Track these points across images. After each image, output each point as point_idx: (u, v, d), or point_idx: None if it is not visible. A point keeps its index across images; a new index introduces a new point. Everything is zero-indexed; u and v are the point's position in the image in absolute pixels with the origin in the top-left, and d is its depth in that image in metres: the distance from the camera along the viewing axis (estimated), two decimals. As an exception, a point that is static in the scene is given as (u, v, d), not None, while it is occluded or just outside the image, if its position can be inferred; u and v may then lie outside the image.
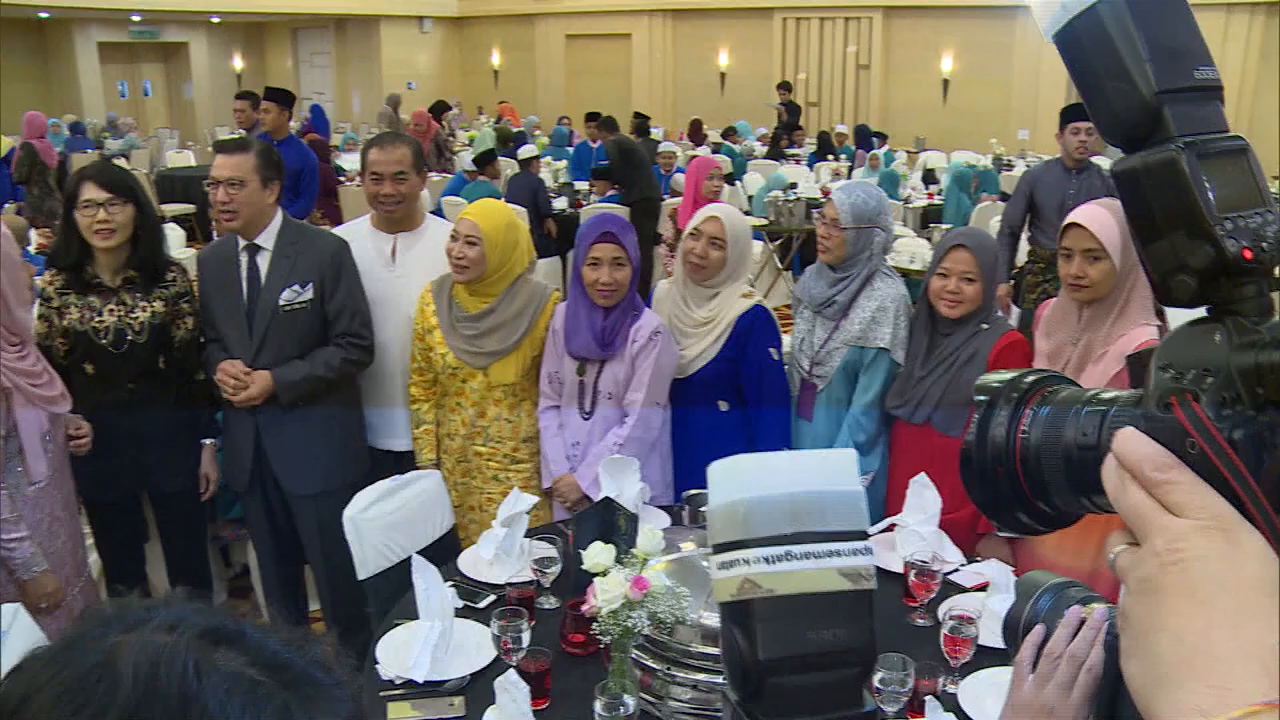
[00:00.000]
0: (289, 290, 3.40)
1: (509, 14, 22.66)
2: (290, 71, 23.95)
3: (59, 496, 3.22)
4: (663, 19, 21.10)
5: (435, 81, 22.42)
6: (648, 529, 2.35)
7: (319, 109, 17.44)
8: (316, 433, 3.52)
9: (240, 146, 3.46)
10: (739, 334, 3.39)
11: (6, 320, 2.93)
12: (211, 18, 21.37)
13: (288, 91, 7.87)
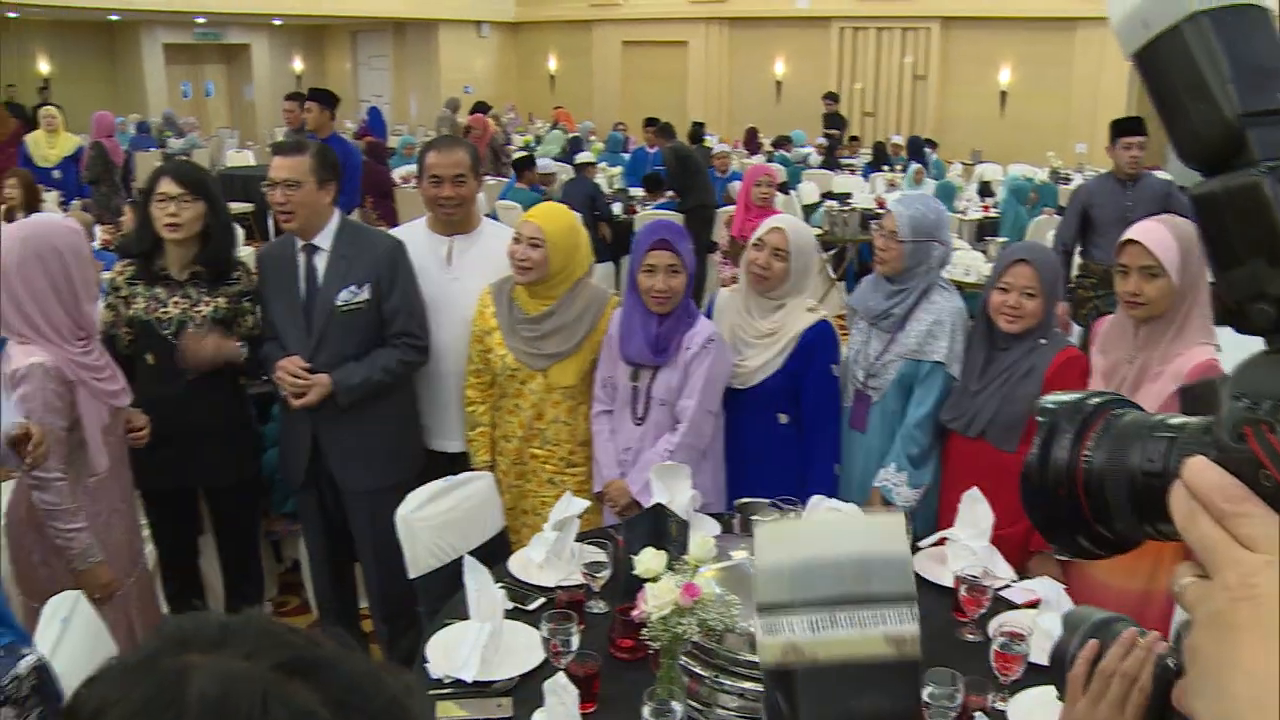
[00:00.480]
0: (346, 291, 3.44)
1: (566, 20, 22.75)
2: (349, 74, 24.19)
3: (117, 488, 3.28)
4: (719, 27, 21.09)
5: (492, 86, 22.56)
6: (699, 536, 2.36)
7: (376, 111, 17.62)
8: (373, 431, 3.55)
9: (297, 149, 3.50)
10: (803, 348, 3.38)
11: (75, 315, 3.01)
12: (273, 20, 21.64)
13: (330, 92, 8.16)
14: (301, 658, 0.81)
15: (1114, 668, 1.21)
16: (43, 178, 9.50)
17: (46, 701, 1.70)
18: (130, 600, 3.33)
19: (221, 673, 0.78)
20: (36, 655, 1.72)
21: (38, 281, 2.91)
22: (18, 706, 1.67)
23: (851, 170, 13.80)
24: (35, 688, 1.69)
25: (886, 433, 3.43)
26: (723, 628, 2.18)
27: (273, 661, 0.79)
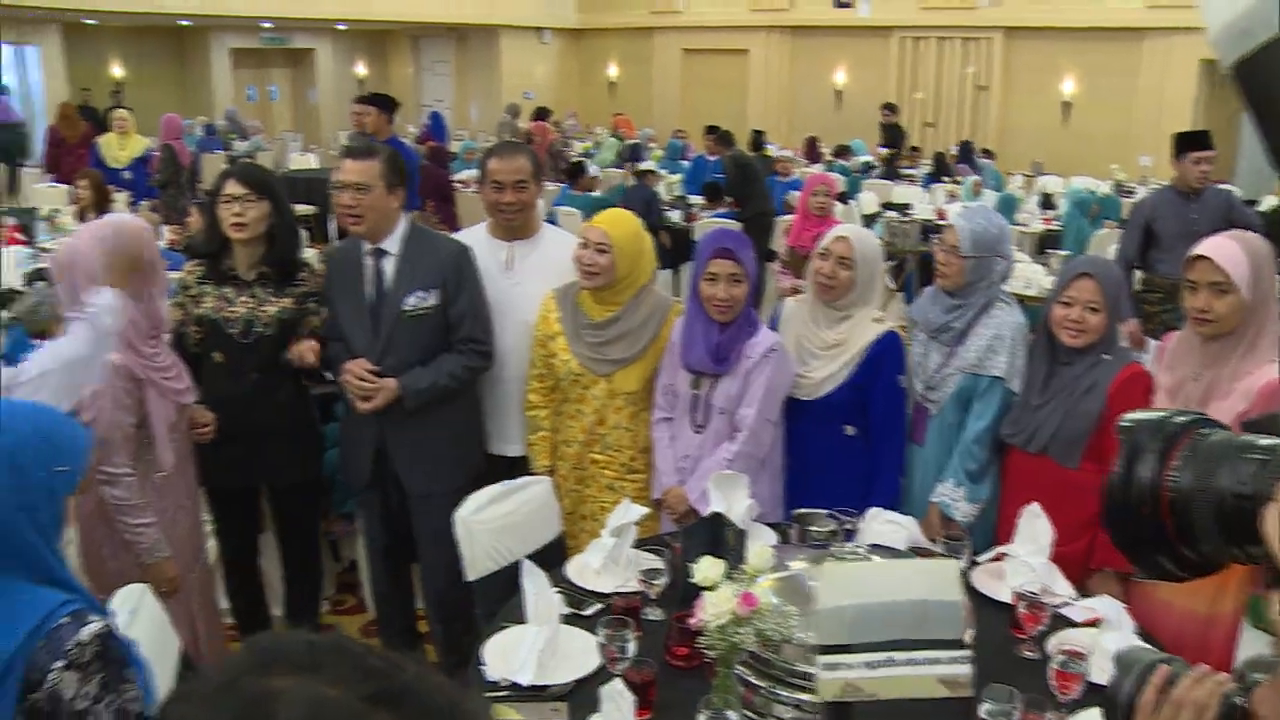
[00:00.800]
0: (414, 296, 3.46)
1: (627, 27, 22.81)
2: (411, 79, 24.41)
3: (182, 485, 3.35)
4: (780, 35, 21.04)
5: (552, 92, 22.66)
6: (758, 546, 2.36)
7: (438, 116, 17.77)
8: (438, 435, 3.58)
9: (367, 153, 3.52)
10: (870, 360, 3.37)
11: (149, 313, 3.07)
12: (337, 25, 21.89)
13: (389, 96, 8.29)
14: (389, 688, 0.81)
15: (1186, 697, 1.20)
16: (113, 178, 9.70)
17: (109, 667, 1.74)
18: (193, 595, 3.40)
19: (310, 698, 0.78)
20: (102, 623, 1.76)
21: (116, 281, 2.97)
22: (80, 671, 1.70)
23: (911, 181, 13.71)
24: (98, 654, 1.73)
25: (944, 446, 3.41)
26: (779, 638, 2.18)
27: (362, 692, 0.80)
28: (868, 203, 11.42)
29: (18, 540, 1.78)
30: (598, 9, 23.23)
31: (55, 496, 1.83)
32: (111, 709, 1.73)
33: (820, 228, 6.26)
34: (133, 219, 3.45)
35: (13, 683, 1.69)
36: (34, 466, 1.79)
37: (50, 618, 1.73)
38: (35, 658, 1.69)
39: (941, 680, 1.39)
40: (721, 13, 21.40)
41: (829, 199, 6.82)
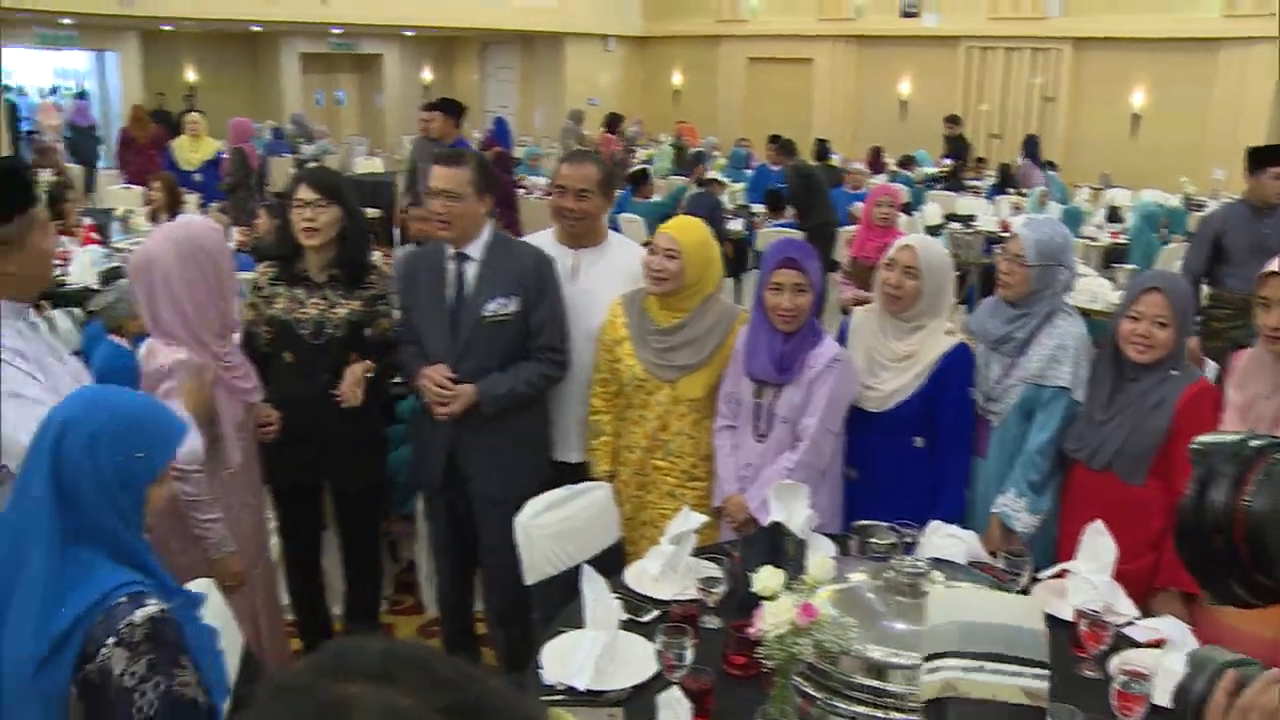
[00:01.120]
0: (494, 302, 3.49)
1: (693, 35, 22.80)
2: (477, 85, 24.58)
3: (248, 482, 3.40)
4: (845, 45, 20.92)
5: (617, 100, 22.71)
6: (819, 557, 2.36)
7: (502, 121, 17.87)
8: (511, 440, 3.60)
9: (458, 160, 3.55)
10: (940, 373, 3.35)
11: (222, 313, 3.14)
12: (405, 31, 22.11)
13: (456, 101, 8.57)
14: (463, 701, 0.82)
15: (1255, 702, 1.19)
16: (185, 180, 9.89)
17: (159, 650, 1.78)
18: (256, 590, 3.45)
19: (387, 709, 0.79)
20: (158, 607, 1.81)
21: (193, 281, 3.05)
22: (130, 650, 1.76)
23: (976, 192, 13.59)
24: (148, 635, 1.77)
25: (1005, 458, 3.38)
26: (838, 650, 2.18)
27: (435, 703, 0.80)
28: (931, 214, 11.33)
29: (96, 518, 1.85)
30: (663, 17, 23.26)
31: (133, 482, 1.89)
32: (158, 691, 1.78)
33: (884, 239, 6.23)
34: (206, 221, 3.53)
35: (71, 651, 1.76)
36: (111, 450, 1.87)
37: (110, 595, 1.79)
38: (93, 631, 1.76)
39: (1023, 690, 1.67)
40: (787, 21, 21.33)
41: (893, 210, 6.78)
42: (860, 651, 2.19)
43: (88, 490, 1.85)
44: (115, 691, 1.75)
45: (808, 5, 21.04)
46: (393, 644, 0.89)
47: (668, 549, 2.90)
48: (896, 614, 2.32)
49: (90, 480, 1.85)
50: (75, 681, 1.77)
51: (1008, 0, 18.48)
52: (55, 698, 1.78)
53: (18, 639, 1.80)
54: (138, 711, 1.76)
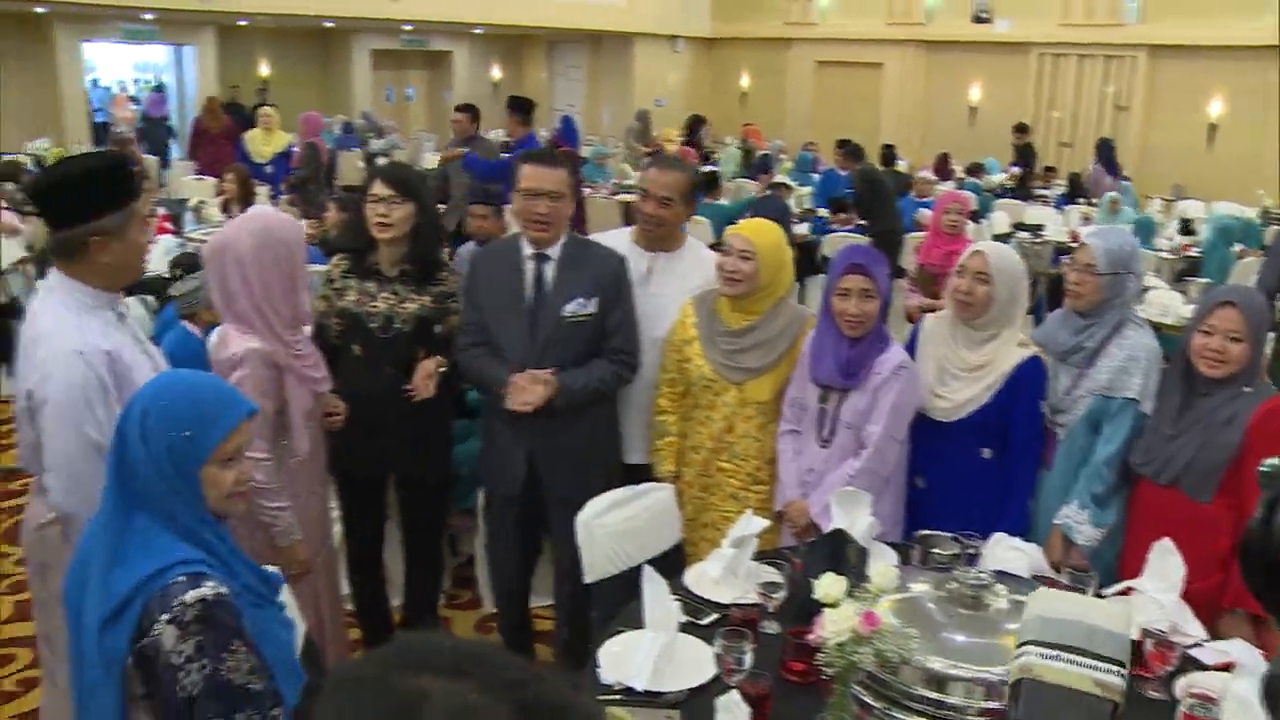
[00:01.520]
0: (574, 302, 3.49)
1: (762, 38, 22.73)
2: (545, 83, 24.69)
3: (314, 471, 3.44)
4: (915, 50, 20.76)
5: (684, 100, 22.72)
6: (883, 565, 2.35)
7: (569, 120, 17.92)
8: (587, 441, 3.63)
9: (555, 160, 3.59)
10: (1013, 384, 3.31)
11: (295, 304, 3.18)
12: (475, 29, 22.26)
13: (526, 99, 8.75)
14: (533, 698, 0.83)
15: None
16: (256, 172, 10.05)
17: (210, 632, 1.81)
18: (319, 578, 3.49)
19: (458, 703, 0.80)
20: (214, 590, 1.84)
21: (267, 271, 3.10)
22: (180, 629, 1.79)
23: (1045, 201, 13.41)
24: (199, 617, 1.81)
25: (1070, 470, 3.34)
26: (898, 660, 2.17)
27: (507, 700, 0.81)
28: (999, 222, 11.19)
29: (155, 494, 1.90)
30: (732, 19, 23.21)
31: (181, 461, 1.92)
32: (203, 672, 1.81)
33: (952, 246, 6.18)
34: (283, 214, 3.58)
35: (128, 621, 1.81)
36: (158, 428, 1.91)
37: (167, 571, 1.83)
38: (149, 606, 1.81)
39: (1095, 681, 1.80)
40: (857, 25, 21.19)
41: (962, 217, 6.71)
42: (921, 662, 2.18)
43: (141, 466, 1.91)
44: (163, 668, 1.80)
45: (877, 9, 20.90)
46: (461, 640, 0.91)
47: (729, 552, 2.89)
48: (958, 626, 2.30)
49: (143, 457, 1.90)
50: (132, 652, 1.82)
51: (1081, 6, 18.20)
52: (116, 661, 1.83)
53: (93, 600, 1.87)
54: (181, 690, 1.80)
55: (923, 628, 2.25)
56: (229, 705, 1.83)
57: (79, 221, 2.58)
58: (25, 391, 2.59)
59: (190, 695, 1.80)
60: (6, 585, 4.82)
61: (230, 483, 1.99)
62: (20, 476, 6.01)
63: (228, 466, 1.99)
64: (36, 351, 2.57)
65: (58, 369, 2.51)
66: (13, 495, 5.82)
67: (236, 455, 2.01)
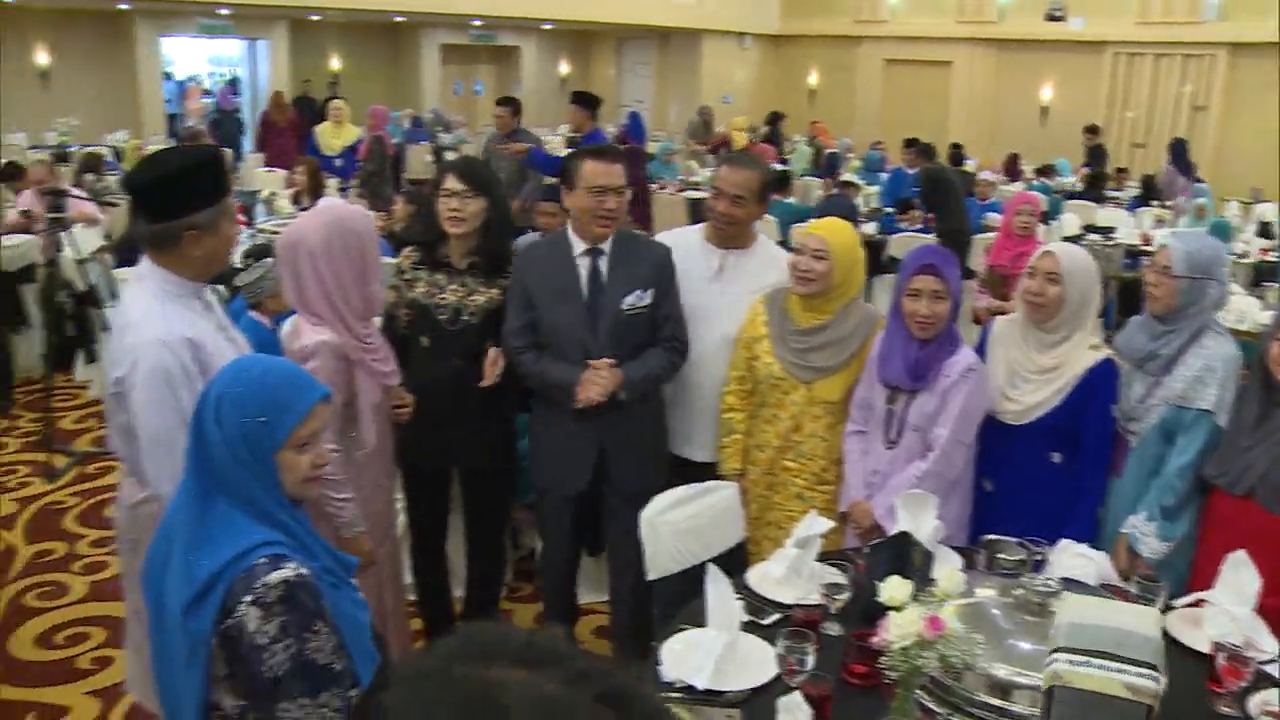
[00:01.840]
0: (632, 295, 3.51)
1: (830, 35, 22.61)
2: (613, 79, 24.74)
3: (380, 464, 3.48)
4: (986, 48, 20.53)
5: (751, 97, 22.67)
6: (949, 569, 2.33)
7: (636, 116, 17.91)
8: (651, 434, 3.66)
9: (616, 155, 3.61)
10: (1084, 388, 3.26)
11: (366, 296, 3.22)
12: (543, 25, 22.37)
13: (592, 95, 8.77)
14: (613, 689, 0.83)
15: None
16: (326, 165, 10.15)
17: (293, 613, 1.84)
18: (382, 569, 3.53)
19: (546, 696, 0.80)
20: (296, 571, 1.87)
21: (339, 263, 3.14)
22: (263, 609, 1.82)
23: (1117, 203, 13.19)
24: (282, 598, 1.83)
25: (1142, 479, 3.28)
26: (963, 665, 2.15)
27: (585, 690, 0.82)
28: (1069, 224, 11.03)
29: (233, 478, 1.93)
30: (801, 15, 23.10)
31: (257, 446, 1.95)
32: (288, 652, 1.84)
33: (1022, 248, 6.12)
34: (355, 206, 3.63)
35: (213, 603, 1.84)
36: (232, 413, 1.94)
37: (249, 554, 1.86)
38: (233, 588, 1.84)
39: (1126, 685, 1.80)
40: (927, 23, 21.01)
41: (1033, 219, 6.63)
42: (985, 669, 2.16)
43: (218, 450, 1.93)
44: (248, 648, 1.83)
45: (948, 7, 20.71)
46: (526, 631, 0.91)
47: (792, 552, 2.88)
48: (1023, 633, 2.28)
49: (219, 442, 1.93)
50: (217, 633, 1.85)
51: (1160, 4, 17.86)
52: (200, 643, 1.86)
53: (175, 581, 1.91)
54: (268, 670, 1.83)
55: (987, 634, 2.23)
56: (314, 685, 1.86)
57: (175, 215, 2.65)
58: (115, 378, 2.66)
59: (276, 675, 1.83)
60: (81, 566, 4.93)
61: (306, 467, 2.02)
62: (95, 460, 6.16)
63: (303, 451, 2.01)
64: (125, 339, 2.64)
65: (144, 356, 2.58)
66: (89, 479, 5.95)
67: (311, 440, 2.03)
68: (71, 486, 5.86)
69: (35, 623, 4.43)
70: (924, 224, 9.43)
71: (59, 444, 6.32)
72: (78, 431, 6.73)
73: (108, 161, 11.52)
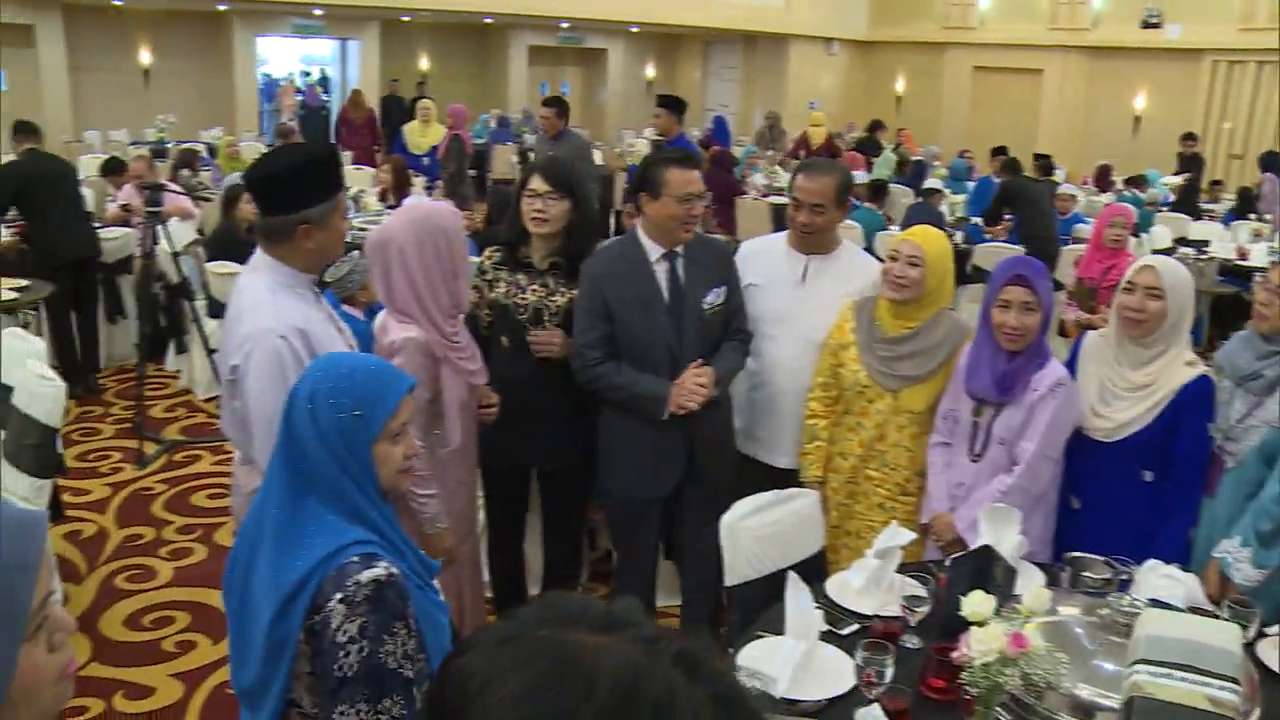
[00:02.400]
0: (711, 294, 3.53)
1: (918, 41, 22.38)
2: (698, 83, 24.74)
3: (464, 462, 3.51)
4: (1078, 56, 20.16)
5: (837, 103, 22.52)
6: (1035, 586, 2.29)
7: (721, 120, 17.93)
8: (726, 432, 3.69)
9: (696, 162, 3.61)
10: (1178, 405, 3.17)
11: (454, 293, 3.25)
12: (631, 28, 22.43)
13: (678, 98, 8.73)
14: (689, 653, 0.85)
15: None
16: (414, 164, 10.29)
17: (375, 614, 1.84)
18: (463, 566, 3.56)
19: (630, 659, 0.82)
20: (387, 570, 1.88)
21: (428, 262, 3.18)
22: (349, 607, 1.82)
23: (1211, 216, 12.87)
24: (369, 598, 1.84)
25: (1237, 501, 3.17)
26: (1045, 684, 2.11)
27: (674, 653, 0.83)
28: (1160, 237, 10.77)
29: (326, 476, 1.94)
30: (889, 21, 22.90)
31: (353, 440, 1.96)
32: (362, 654, 1.82)
33: (1113, 260, 5.99)
34: (443, 204, 3.66)
35: (304, 600, 1.85)
36: (326, 408, 1.95)
37: (341, 552, 1.87)
38: (325, 584, 1.85)
39: (1208, 698, 1.79)
40: (1017, 30, 20.69)
41: (1125, 231, 6.48)
42: (1069, 689, 2.13)
43: (311, 447, 1.94)
44: (328, 644, 1.83)
45: (1040, 14, 20.37)
46: (611, 603, 0.93)
47: (873, 562, 2.86)
48: (1107, 653, 2.24)
49: (313, 438, 1.94)
50: (304, 627, 1.86)
51: (1265, 9, 17.30)
52: (288, 646, 1.88)
53: (263, 585, 1.93)
54: (338, 669, 1.82)
55: (1070, 653, 2.19)
56: (377, 690, 1.84)
57: (290, 210, 2.73)
58: (231, 365, 2.74)
59: (344, 676, 1.82)
60: (167, 551, 5.05)
61: (399, 458, 2.04)
62: (182, 448, 6.31)
63: (397, 442, 2.03)
64: (239, 329, 2.72)
65: (258, 344, 2.65)
66: (176, 466, 6.09)
67: (403, 431, 2.05)
68: (160, 473, 6.00)
69: (124, 604, 4.55)
70: (1009, 234, 9.29)
71: (149, 431, 6.49)
72: (167, 420, 6.89)
73: (202, 158, 11.78)
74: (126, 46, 17.91)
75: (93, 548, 5.06)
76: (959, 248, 9.20)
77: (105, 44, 17.59)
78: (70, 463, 5.84)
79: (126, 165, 9.08)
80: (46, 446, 4.12)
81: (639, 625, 0.88)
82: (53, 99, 16.41)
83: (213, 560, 4.94)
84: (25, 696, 1.09)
